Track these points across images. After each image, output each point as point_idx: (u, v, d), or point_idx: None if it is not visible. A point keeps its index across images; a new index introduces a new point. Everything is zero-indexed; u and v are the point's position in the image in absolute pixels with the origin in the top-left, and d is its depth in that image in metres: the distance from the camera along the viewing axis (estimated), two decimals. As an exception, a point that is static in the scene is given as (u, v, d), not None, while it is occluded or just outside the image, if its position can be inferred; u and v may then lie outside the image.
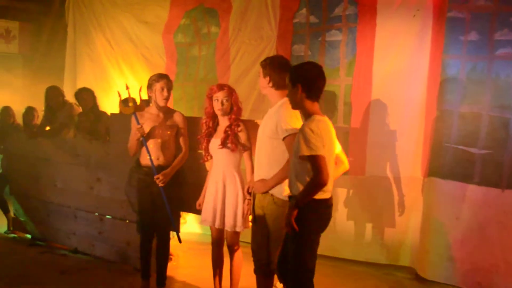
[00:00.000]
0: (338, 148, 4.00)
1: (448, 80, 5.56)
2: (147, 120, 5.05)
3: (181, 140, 5.18)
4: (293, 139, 3.83)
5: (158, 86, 5.00)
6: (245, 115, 6.21)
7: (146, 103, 5.24)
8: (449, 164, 5.54)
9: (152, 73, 5.30)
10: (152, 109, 5.13)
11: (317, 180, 3.53)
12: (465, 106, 5.48)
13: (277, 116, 4.07)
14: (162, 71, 7.78)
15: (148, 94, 5.11)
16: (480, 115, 5.38)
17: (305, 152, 3.56)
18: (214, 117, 4.86)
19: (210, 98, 4.81)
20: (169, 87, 5.07)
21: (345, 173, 6.10)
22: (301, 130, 3.66)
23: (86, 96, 7.08)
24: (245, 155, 4.75)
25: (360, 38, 6.15)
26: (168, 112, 5.16)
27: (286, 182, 3.94)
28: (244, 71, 7.14)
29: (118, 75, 8.80)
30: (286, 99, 4.02)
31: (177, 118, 5.16)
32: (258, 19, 7.10)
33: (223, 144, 4.68)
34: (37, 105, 7.96)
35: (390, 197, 5.99)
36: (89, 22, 9.28)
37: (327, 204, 3.73)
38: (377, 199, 6.10)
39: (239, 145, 4.71)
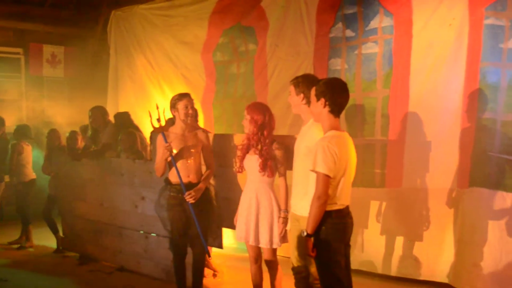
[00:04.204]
0: None
1: (488, 88, 5.47)
2: (174, 140, 5.15)
3: (207, 156, 5.28)
4: None
5: (181, 104, 5.12)
6: (284, 131, 6.27)
7: (171, 122, 5.37)
8: (493, 173, 5.43)
9: (192, 92, 5.40)
10: (176, 129, 5.24)
11: (315, 194, 3.65)
12: (508, 114, 5.39)
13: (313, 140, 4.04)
14: (202, 90, 7.96)
15: (172, 114, 5.23)
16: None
17: (314, 166, 3.68)
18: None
19: None
20: (192, 105, 5.20)
21: (382, 186, 6.13)
22: (317, 144, 3.73)
23: (116, 117, 7.45)
24: (281, 180, 4.73)
25: (397, 50, 6.12)
26: (192, 130, 5.28)
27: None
28: (282, 87, 7.13)
29: (159, 95, 8.97)
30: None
31: (201, 135, 5.27)
32: (295, 35, 7.14)
33: (263, 168, 4.66)
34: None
35: (426, 209, 5.87)
36: (130, 44, 9.53)
37: (338, 215, 3.77)
38: (413, 211, 5.98)
39: (276, 170, 4.71)
